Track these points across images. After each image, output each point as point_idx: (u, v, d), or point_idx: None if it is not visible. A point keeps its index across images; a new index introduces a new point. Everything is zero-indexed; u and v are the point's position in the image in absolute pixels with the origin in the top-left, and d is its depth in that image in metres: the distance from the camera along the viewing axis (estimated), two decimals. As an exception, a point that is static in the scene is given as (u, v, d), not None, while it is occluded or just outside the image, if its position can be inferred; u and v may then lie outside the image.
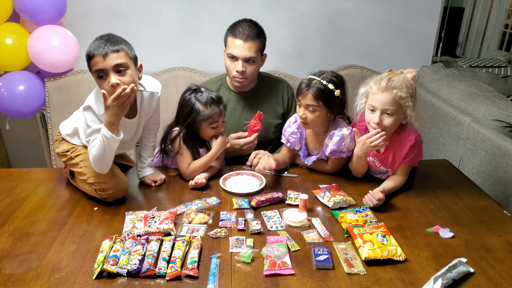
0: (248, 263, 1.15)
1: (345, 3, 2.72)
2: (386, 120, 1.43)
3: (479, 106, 2.10)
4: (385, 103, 1.41)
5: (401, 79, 1.41)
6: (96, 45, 1.33)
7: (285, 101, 1.99)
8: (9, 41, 2.13)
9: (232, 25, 1.84)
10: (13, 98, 2.18)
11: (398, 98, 1.40)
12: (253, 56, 1.79)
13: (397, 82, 1.40)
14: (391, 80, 1.40)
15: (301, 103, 1.54)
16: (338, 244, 1.23)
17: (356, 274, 1.11)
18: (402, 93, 1.40)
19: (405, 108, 1.42)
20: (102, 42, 1.33)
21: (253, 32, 1.79)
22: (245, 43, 1.76)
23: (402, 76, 1.42)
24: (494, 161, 1.85)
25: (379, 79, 1.44)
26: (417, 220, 1.37)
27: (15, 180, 1.63)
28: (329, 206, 1.43)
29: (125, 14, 2.60)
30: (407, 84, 1.41)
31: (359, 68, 2.37)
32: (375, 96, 1.43)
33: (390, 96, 1.40)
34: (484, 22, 5.41)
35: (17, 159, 2.94)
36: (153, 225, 1.29)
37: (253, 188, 1.55)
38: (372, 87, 1.44)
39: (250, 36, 1.77)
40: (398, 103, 1.41)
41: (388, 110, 1.42)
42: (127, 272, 1.10)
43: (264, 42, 1.85)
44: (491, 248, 1.23)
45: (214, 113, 1.59)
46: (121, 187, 1.46)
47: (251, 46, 1.78)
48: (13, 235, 1.28)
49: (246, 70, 1.81)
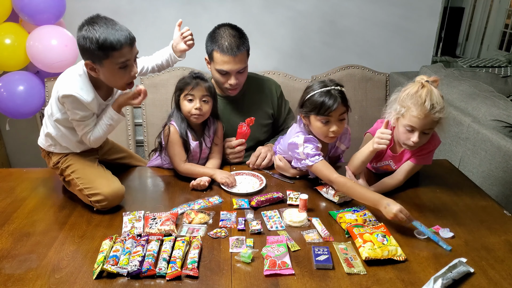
0: (248, 263, 1.15)
1: (345, 3, 2.72)
2: (423, 138, 1.43)
3: (479, 106, 2.10)
4: (427, 125, 1.40)
5: (438, 97, 1.37)
6: (119, 35, 1.28)
7: (274, 100, 1.96)
8: (8, 41, 2.12)
9: (212, 36, 1.75)
10: (12, 99, 2.18)
11: (437, 119, 1.39)
12: (244, 66, 1.75)
13: (437, 104, 1.36)
14: (432, 101, 1.36)
15: (333, 118, 1.46)
16: (338, 244, 1.23)
17: (356, 274, 1.11)
18: (442, 114, 1.38)
19: (441, 122, 1.42)
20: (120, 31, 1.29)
21: (238, 41, 1.71)
22: (236, 57, 1.69)
23: (436, 92, 1.38)
24: (494, 161, 1.85)
25: (419, 100, 1.37)
26: (417, 220, 1.37)
27: (15, 180, 1.63)
28: (335, 202, 1.44)
29: (125, 14, 2.60)
30: (442, 101, 1.38)
31: (359, 68, 2.38)
32: (417, 119, 1.38)
33: (432, 119, 1.38)
34: (484, 22, 5.42)
35: (17, 159, 2.94)
36: (154, 226, 1.29)
37: (253, 188, 1.55)
38: (412, 108, 1.38)
39: (238, 47, 1.70)
40: (436, 123, 1.41)
41: (427, 130, 1.42)
42: (127, 273, 1.10)
43: (248, 45, 1.77)
44: (491, 248, 1.23)
45: (187, 84, 1.60)
46: (115, 195, 1.41)
47: (241, 58, 1.72)
48: (13, 235, 1.28)
49: (239, 81, 1.77)
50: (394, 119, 1.47)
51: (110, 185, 1.43)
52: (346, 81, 2.34)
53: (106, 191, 1.39)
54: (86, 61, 1.32)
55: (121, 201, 1.45)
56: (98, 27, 1.27)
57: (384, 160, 1.59)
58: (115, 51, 1.28)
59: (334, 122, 1.47)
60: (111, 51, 1.27)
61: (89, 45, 1.27)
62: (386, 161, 1.59)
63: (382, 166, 1.61)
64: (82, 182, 1.43)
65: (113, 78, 1.35)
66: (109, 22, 1.29)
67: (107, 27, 1.27)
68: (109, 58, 1.29)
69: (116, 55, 1.28)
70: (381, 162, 1.60)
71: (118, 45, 1.27)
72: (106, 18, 1.31)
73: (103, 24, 1.27)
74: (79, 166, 1.49)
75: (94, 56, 1.29)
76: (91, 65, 1.31)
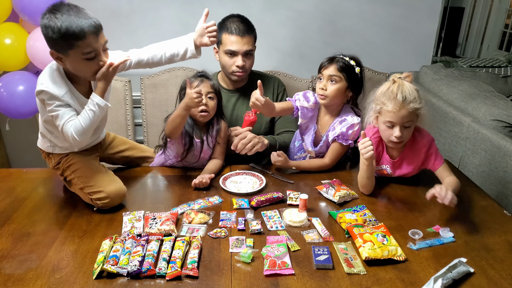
0: (248, 263, 1.15)
1: (345, 3, 2.72)
2: (405, 133, 1.44)
3: (479, 106, 2.10)
4: (404, 118, 1.41)
5: (410, 89, 1.40)
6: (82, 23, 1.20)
7: (276, 97, 2.01)
8: (8, 41, 2.12)
9: (222, 23, 1.86)
10: (12, 99, 2.18)
11: (415, 110, 1.41)
12: (251, 49, 1.84)
13: (410, 94, 1.40)
14: (404, 93, 1.39)
15: (324, 75, 1.63)
16: (338, 244, 1.23)
17: (356, 274, 1.11)
18: (417, 104, 1.40)
19: (420, 115, 1.44)
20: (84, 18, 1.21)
21: (247, 26, 1.84)
22: (243, 38, 1.81)
23: (408, 85, 1.42)
24: (494, 161, 1.85)
25: (391, 95, 1.41)
26: (417, 220, 1.37)
27: (15, 180, 1.63)
28: (335, 201, 1.44)
29: (124, 14, 2.60)
30: (415, 93, 1.41)
31: (359, 68, 2.37)
32: (392, 113, 1.41)
33: (408, 111, 1.40)
34: (484, 22, 5.41)
35: (17, 159, 2.94)
36: (154, 226, 1.29)
37: (253, 188, 1.55)
38: (387, 103, 1.42)
39: (246, 30, 1.82)
40: (415, 114, 1.42)
41: (406, 123, 1.42)
42: (127, 274, 1.10)
43: (256, 35, 1.89)
44: (491, 248, 1.23)
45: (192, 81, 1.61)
46: (117, 194, 1.41)
47: (249, 40, 1.82)
48: (13, 235, 1.28)
49: (246, 64, 1.85)
50: (374, 119, 1.50)
51: (112, 183, 1.43)
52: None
53: (108, 189, 1.39)
54: (51, 50, 1.25)
55: (123, 199, 1.45)
56: (60, 15, 1.19)
57: (381, 164, 1.59)
58: (79, 40, 1.20)
59: (324, 80, 1.64)
60: (74, 41, 1.20)
61: (51, 35, 1.20)
62: (383, 165, 1.59)
63: (379, 170, 1.60)
64: (83, 181, 1.43)
65: (80, 68, 1.28)
66: (72, 9, 1.22)
67: (69, 15, 1.20)
68: (73, 48, 1.22)
69: (81, 45, 1.22)
70: (378, 166, 1.59)
71: (82, 34, 1.20)
72: (69, 5, 1.23)
73: (65, 12, 1.20)
74: (80, 165, 1.48)
75: (57, 46, 1.23)
76: (56, 55, 1.26)
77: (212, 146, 1.72)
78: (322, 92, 1.64)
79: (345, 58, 1.64)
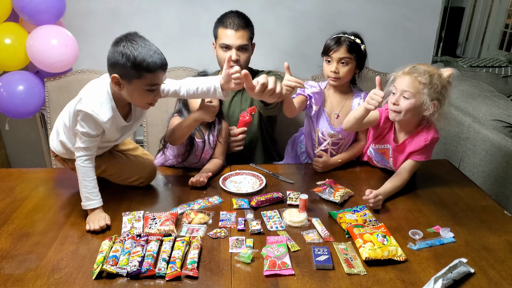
0: (248, 263, 1.15)
1: (345, 3, 2.72)
2: (402, 102, 1.45)
3: (480, 106, 2.10)
4: (404, 85, 1.43)
5: (428, 70, 1.43)
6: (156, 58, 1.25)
7: None
8: (8, 40, 2.12)
9: (220, 18, 1.89)
10: (12, 98, 2.18)
11: (418, 83, 1.42)
12: (245, 44, 1.83)
13: (421, 69, 1.43)
14: (416, 67, 1.44)
15: (333, 58, 1.65)
16: (338, 244, 1.23)
17: (356, 274, 1.11)
18: (422, 79, 1.41)
19: (423, 95, 1.43)
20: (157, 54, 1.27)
21: (243, 22, 1.84)
22: (237, 32, 1.81)
23: (432, 69, 1.44)
24: (494, 161, 1.85)
25: (406, 67, 1.47)
26: (417, 220, 1.37)
27: (15, 180, 1.63)
28: (337, 202, 1.44)
29: (125, 14, 2.59)
30: (432, 75, 1.42)
31: (359, 68, 2.37)
32: (398, 79, 1.47)
33: (410, 79, 1.43)
34: (484, 22, 5.42)
35: (16, 159, 2.94)
36: (154, 227, 1.29)
37: (253, 188, 1.54)
38: (399, 71, 1.48)
39: (241, 25, 1.83)
40: (416, 88, 1.43)
41: (405, 93, 1.44)
42: (126, 274, 1.09)
43: (253, 31, 1.90)
44: (491, 248, 1.23)
45: None
46: (150, 174, 1.58)
47: (243, 35, 1.83)
48: (13, 235, 1.28)
49: (240, 58, 1.85)
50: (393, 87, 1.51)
51: (140, 167, 1.57)
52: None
53: (140, 174, 1.55)
54: (114, 75, 1.28)
55: (156, 172, 1.62)
56: (137, 46, 1.24)
57: (385, 143, 1.60)
58: (149, 73, 1.26)
59: (334, 63, 1.66)
60: (145, 72, 1.25)
61: (124, 61, 1.24)
62: (387, 144, 1.59)
63: (381, 149, 1.61)
64: (115, 178, 1.55)
65: (138, 96, 1.32)
66: (147, 42, 1.28)
67: (145, 47, 1.25)
68: (141, 78, 1.27)
69: (149, 77, 1.27)
70: (382, 144, 1.61)
71: (154, 68, 1.25)
72: (143, 38, 1.29)
73: (142, 44, 1.25)
74: (104, 165, 1.50)
75: (125, 73, 1.27)
76: (117, 80, 1.28)
77: (213, 146, 1.72)
78: (334, 75, 1.67)
79: (351, 38, 1.66)
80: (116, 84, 1.30)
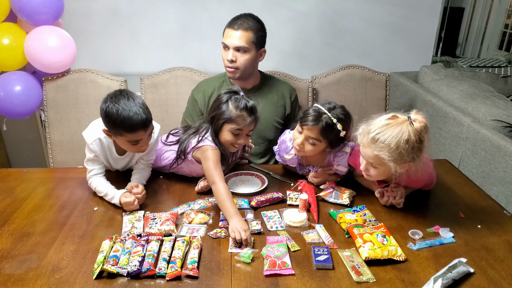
0: (248, 263, 1.15)
1: (345, 3, 2.72)
2: (372, 171, 1.33)
3: (479, 106, 2.10)
4: (368, 156, 1.30)
5: (390, 141, 1.22)
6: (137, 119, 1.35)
7: (288, 103, 1.96)
8: (6, 41, 2.12)
9: (232, 18, 1.86)
10: (10, 99, 2.18)
11: (381, 158, 1.25)
12: (243, 45, 1.78)
13: (381, 144, 1.23)
14: (376, 138, 1.24)
15: (303, 133, 1.47)
16: (343, 251, 1.20)
17: (365, 282, 1.08)
18: (383, 155, 1.24)
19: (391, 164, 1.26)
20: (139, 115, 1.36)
21: (248, 24, 1.80)
22: (236, 32, 1.78)
23: (396, 134, 1.22)
24: (494, 161, 1.85)
25: (367, 130, 1.28)
26: (417, 220, 1.37)
27: (15, 180, 1.63)
28: (347, 204, 1.43)
29: (124, 14, 2.60)
30: (398, 145, 1.21)
31: (359, 68, 2.37)
32: (361, 146, 1.31)
33: (371, 152, 1.27)
34: (484, 22, 5.42)
35: (16, 159, 2.94)
36: (154, 226, 1.29)
37: (257, 188, 1.54)
38: (361, 135, 1.30)
39: (243, 26, 1.78)
40: (380, 160, 1.27)
41: (372, 164, 1.31)
42: (127, 274, 1.10)
43: (260, 35, 1.84)
44: (491, 248, 1.23)
45: (241, 117, 1.46)
46: None
47: (242, 36, 1.78)
48: (13, 235, 1.28)
49: (237, 60, 1.80)
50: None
51: None
52: (346, 81, 2.34)
53: None
54: (104, 128, 1.42)
55: None
56: (119, 107, 1.34)
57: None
58: (129, 133, 1.37)
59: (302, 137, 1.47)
60: (125, 132, 1.37)
61: (107, 121, 1.37)
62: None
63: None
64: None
65: (124, 146, 1.46)
66: (130, 102, 1.36)
67: (126, 108, 1.34)
68: (122, 136, 1.39)
69: (129, 136, 1.38)
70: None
71: (133, 129, 1.36)
72: (129, 97, 1.37)
73: (123, 106, 1.34)
74: None
75: (109, 129, 1.40)
76: (107, 133, 1.44)
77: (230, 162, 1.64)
78: (299, 148, 1.50)
79: (333, 121, 1.43)
80: (107, 135, 1.45)
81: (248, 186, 1.57)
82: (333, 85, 2.33)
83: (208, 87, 1.95)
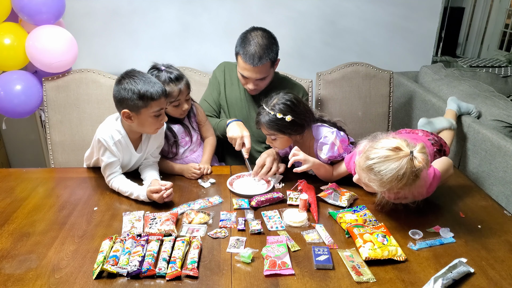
0: (248, 263, 1.15)
1: (345, 3, 2.72)
2: (364, 186, 1.36)
3: (479, 106, 2.10)
4: (361, 177, 1.31)
5: (388, 169, 1.19)
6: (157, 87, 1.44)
7: None
8: (7, 40, 2.12)
9: (243, 38, 1.73)
10: (10, 98, 2.18)
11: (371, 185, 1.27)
12: (264, 76, 1.75)
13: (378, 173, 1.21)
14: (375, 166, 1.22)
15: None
16: (343, 251, 1.21)
17: (365, 282, 1.09)
18: (375, 186, 1.25)
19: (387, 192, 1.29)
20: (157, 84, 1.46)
21: (263, 51, 1.69)
22: (255, 67, 1.69)
23: (395, 166, 1.19)
24: (495, 161, 1.85)
25: (366, 156, 1.25)
26: (417, 220, 1.37)
27: (15, 180, 1.63)
28: (344, 206, 1.43)
29: (125, 14, 2.59)
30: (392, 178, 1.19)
31: (363, 65, 2.37)
32: (358, 169, 1.32)
33: (363, 178, 1.29)
34: (484, 22, 5.41)
35: (16, 159, 2.94)
36: (154, 226, 1.29)
37: (264, 189, 1.54)
38: (360, 154, 1.31)
39: (260, 58, 1.68)
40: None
41: (368, 188, 1.35)
42: (127, 274, 1.10)
43: (275, 51, 1.76)
44: (491, 248, 1.23)
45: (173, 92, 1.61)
46: None
47: (261, 69, 1.72)
48: (13, 235, 1.28)
49: (258, 86, 1.80)
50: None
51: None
52: (351, 77, 2.34)
53: None
54: (124, 110, 1.44)
55: None
56: (138, 80, 1.43)
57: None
58: (154, 101, 1.43)
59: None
60: (150, 101, 1.43)
61: (130, 95, 1.42)
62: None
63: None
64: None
65: (146, 124, 1.49)
66: (146, 75, 1.47)
67: (145, 80, 1.44)
68: (147, 107, 1.44)
69: (154, 105, 1.44)
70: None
71: (157, 96, 1.43)
72: (141, 72, 1.48)
73: (142, 78, 1.44)
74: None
75: (133, 106, 1.43)
76: (127, 114, 1.45)
77: (196, 128, 1.79)
78: (271, 145, 1.62)
79: (270, 113, 1.50)
80: (127, 118, 1.47)
81: (257, 188, 1.56)
82: (338, 82, 2.32)
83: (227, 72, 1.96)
